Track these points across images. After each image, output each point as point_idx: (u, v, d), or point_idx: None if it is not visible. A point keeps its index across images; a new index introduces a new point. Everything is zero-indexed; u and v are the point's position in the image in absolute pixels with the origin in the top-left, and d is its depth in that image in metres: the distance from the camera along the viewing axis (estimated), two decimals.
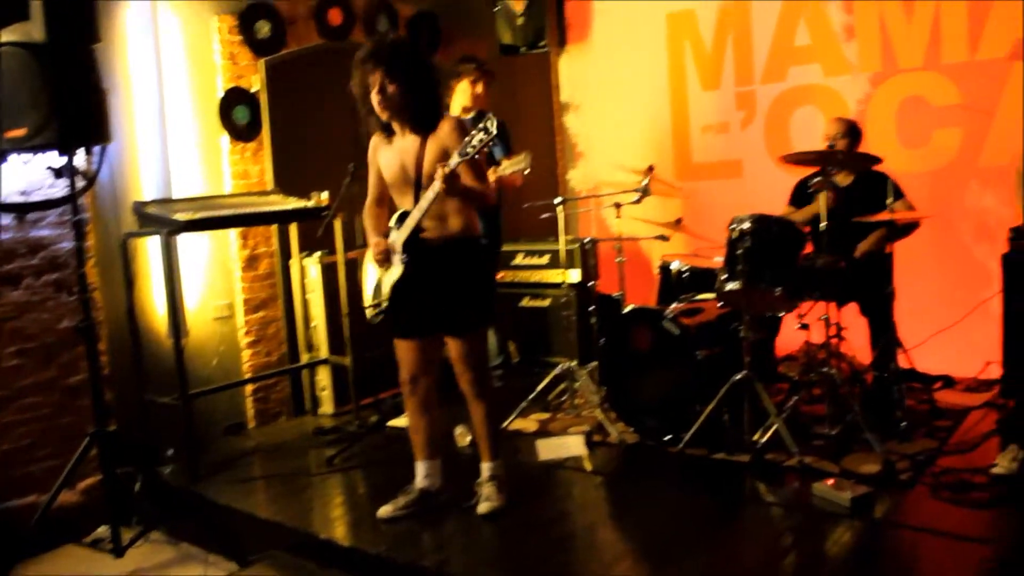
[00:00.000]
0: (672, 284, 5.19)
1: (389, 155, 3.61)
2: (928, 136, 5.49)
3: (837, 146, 4.72)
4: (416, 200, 3.50)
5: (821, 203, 4.22)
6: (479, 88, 5.14)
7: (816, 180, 4.20)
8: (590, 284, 5.09)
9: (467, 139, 3.26)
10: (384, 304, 3.67)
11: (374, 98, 3.48)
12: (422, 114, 3.51)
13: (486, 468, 3.77)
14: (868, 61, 5.67)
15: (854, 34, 5.71)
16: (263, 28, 5.36)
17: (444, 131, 3.49)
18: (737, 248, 4.25)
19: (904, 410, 4.45)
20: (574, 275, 5.98)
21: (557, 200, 5.01)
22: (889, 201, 4.50)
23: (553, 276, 6.17)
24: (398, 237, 3.57)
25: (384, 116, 3.52)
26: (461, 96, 5.17)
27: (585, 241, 5.22)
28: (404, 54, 3.49)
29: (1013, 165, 5.22)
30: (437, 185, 3.31)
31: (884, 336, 4.61)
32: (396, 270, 3.60)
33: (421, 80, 3.50)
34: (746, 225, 4.26)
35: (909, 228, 4.72)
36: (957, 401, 4.87)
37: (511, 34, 6.57)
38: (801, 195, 5.05)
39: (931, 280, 5.40)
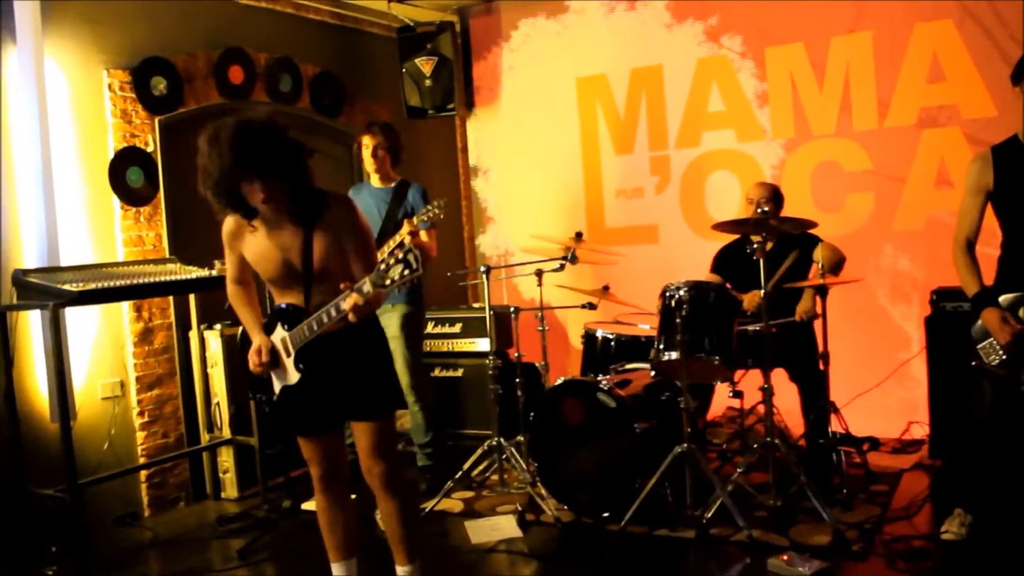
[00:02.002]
0: (597, 353, 5.02)
1: (261, 246, 3.09)
2: (842, 201, 5.56)
3: (764, 209, 4.68)
4: (306, 296, 3.10)
5: (761, 269, 4.13)
6: (372, 151, 4.96)
7: (756, 246, 4.11)
8: (517, 355, 4.87)
9: (385, 268, 2.80)
10: (275, 400, 3.26)
11: (251, 190, 2.97)
12: (305, 205, 3.06)
13: (403, 573, 3.33)
14: (781, 128, 5.74)
15: (767, 101, 5.78)
16: (159, 85, 5.01)
17: (337, 218, 3.06)
18: (674, 316, 4.12)
19: (842, 476, 4.38)
20: (483, 344, 5.76)
21: (483, 268, 4.78)
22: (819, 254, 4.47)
23: (466, 345, 5.93)
24: (290, 343, 3.13)
25: (262, 208, 3.03)
26: (366, 160, 5.00)
27: (511, 310, 5.02)
28: (274, 143, 2.96)
29: (925, 229, 5.32)
30: (346, 313, 2.91)
31: (818, 401, 4.54)
32: (291, 376, 3.18)
33: (297, 167, 3.02)
34: (683, 292, 4.15)
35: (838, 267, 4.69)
36: (887, 463, 4.85)
37: (418, 96, 6.38)
38: (724, 262, 4.97)
39: (849, 342, 5.37)
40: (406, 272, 2.77)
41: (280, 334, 3.16)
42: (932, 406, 4.72)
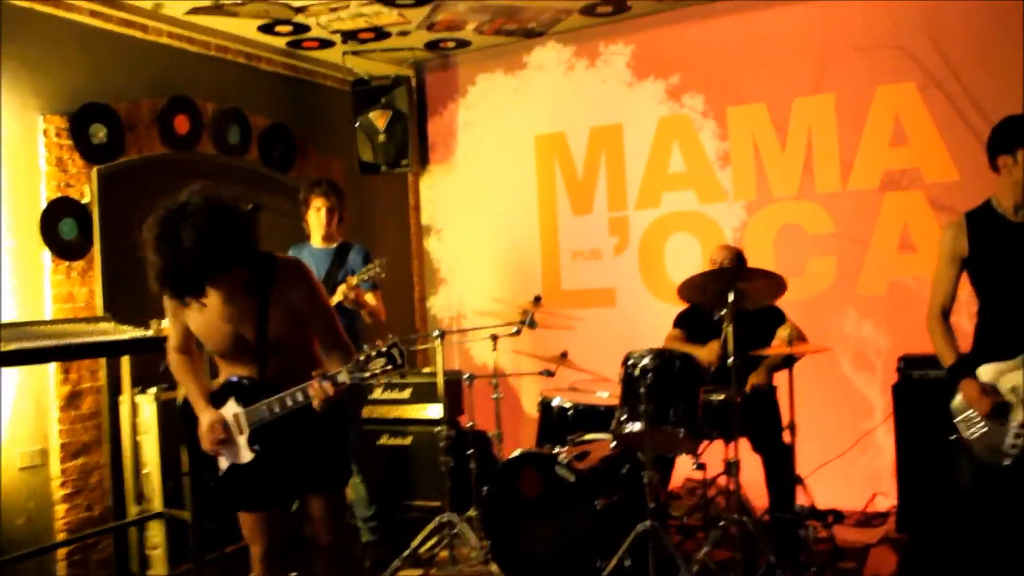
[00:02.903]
0: (553, 422, 4.78)
1: (209, 319, 2.92)
2: (804, 264, 5.45)
3: None
4: (259, 369, 2.91)
5: (728, 334, 3.96)
6: (324, 214, 4.79)
7: (725, 311, 3.95)
8: (470, 424, 4.63)
9: (365, 360, 2.67)
10: (220, 476, 3.02)
11: (217, 281, 2.79)
12: (257, 273, 2.87)
13: None
14: (743, 189, 5.64)
15: (729, 161, 5.69)
16: (98, 132, 4.75)
17: (291, 286, 2.89)
18: (638, 386, 3.93)
19: (808, 552, 4.18)
20: (433, 411, 5.49)
21: (435, 332, 4.56)
22: (784, 332, 4.32)
23: (416, 412, 5.65)
24: (244, 420, 2.92)
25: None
26: (313, 221, 4.83)
27: (464, 376, 4.79)
28: (242, 229, 2.78)
29: (889, 294, 5.22)
30: (315, 405, 2.76)
31: (782, 472, 4.36)
32: (243, 455, 2.96)
33: (243, 243, 2.81)
34: (647, 361, 3.96)
35: (792, 359, 4.55)
36: (854, 538, 4.70)
37: (372, 151, 6.19)
38: (688, 319, 4.80)
39: (811, 411, 5.20)
40: (388, 367, 2.64)
41: (232, 409, 2.94)
42: (900, 477, 4.56)
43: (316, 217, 4.81)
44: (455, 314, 6.62)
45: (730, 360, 3.94)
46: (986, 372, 3.29)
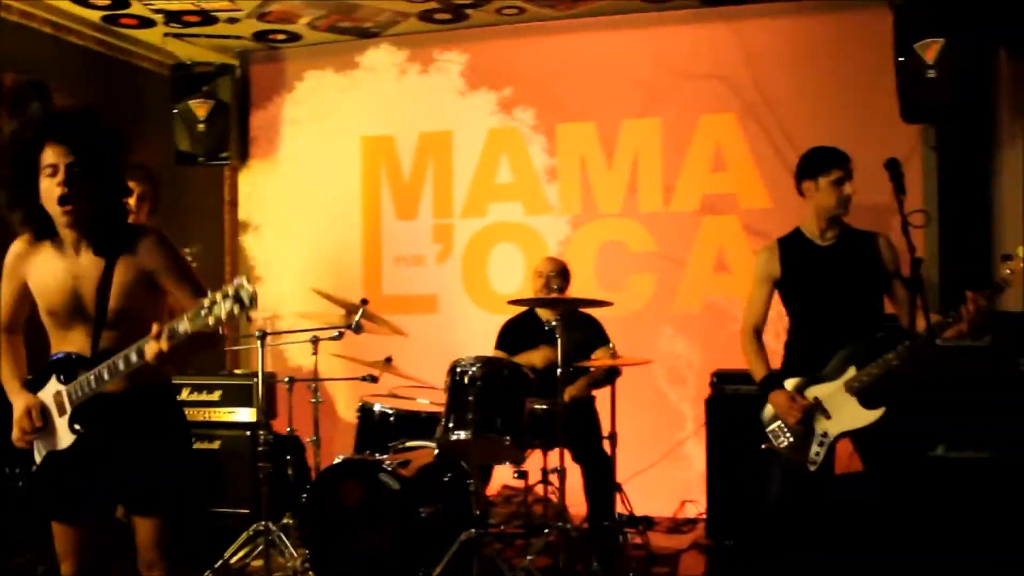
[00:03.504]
0: (373, 429, 4.67)
1: (50, 272, 2.65)
2: (625, 280, 5.62)
3: (553, 284, 4.64)
4: (92, 341, 2.62)
5: (559, 346, 4.02)
6: (135, 201, 4.39)
7: (556, 323, 4.00)
8: (289, 429, 4.45)
9: (210, 304, 2.35)
10: (34, 469, 2.72)
11: (50, 186, 2.53)
12: (112, 227, 2.64)
13: None
14: (569, 204, 5.77)
15: (556, 176, 5.80)
16: None
17: (144, 249, 2.64)
18: (466, 394, 3.91)
19: (626, 558, 4.32)
20: (244, 414, 5.23)
21: (257, 333, 4.35)
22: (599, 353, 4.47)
23: (225, 415, 5.38)
24: (66, 397, 2.64)
25: (59, 214, 2.57)
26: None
27: (285, 379, 4.60)
28: (102, 139, 2.61)
29: (703, 313, 5.48)
30: (147, 356, 2.46)
31: (602, 481, 4.47)
32: (62, 439, 2.66)
33: (116, 181, 2.65)
34: (475, 369, 3.95)
35: (614, 375, 4.69)
36: (665, 544, 4.87)
37: (190, 141, 5.87)
38: (509, 338, 4.85)
39: (626, 422, 5.35)
40: (236, 309, 2.33)
41: (54, 387, 2.65)
42: (710, 486, 4.74)
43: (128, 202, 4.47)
44: (269, 314, 6.36)
45: (559, 371, 4.01)
46: (793, 385, 3.50)
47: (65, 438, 2.65)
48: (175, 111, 5.86)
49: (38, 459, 2.71)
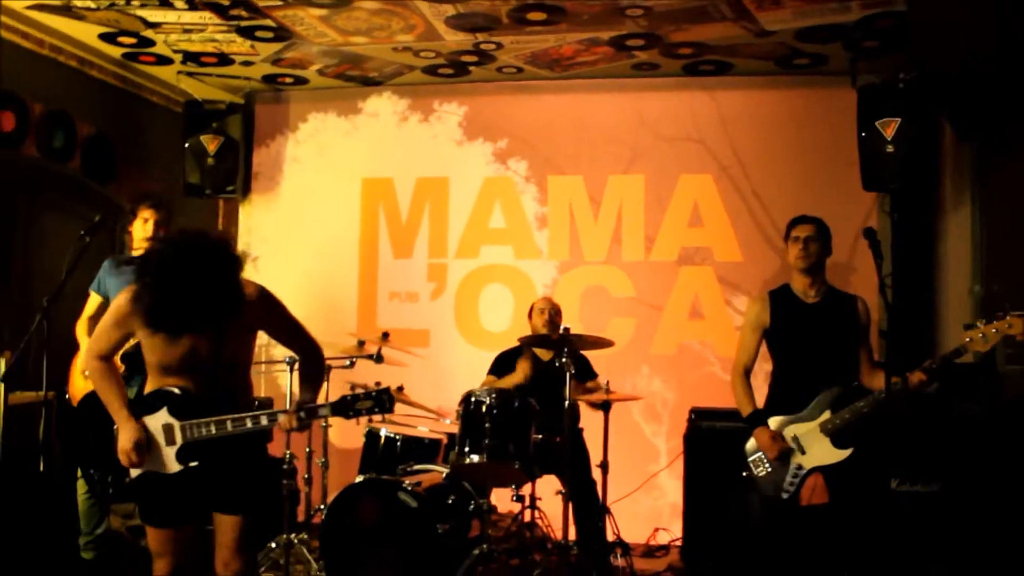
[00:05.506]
0: (379, 453, 4.99)
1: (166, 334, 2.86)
2: (607, 323, 6.05)
3: (556, 320, 5.06)
4: (204, 385, 2.90)
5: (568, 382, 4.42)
6: (152, 226, 4.69)
7: (565, 361, 4.40)
8: (308, 450, 4.74)
9: (352, 399, 2.73)
10: (129, 481, 2.97)
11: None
12: (229, 313, 2.86)
13: None
14: (557, 250, 6.21)
15: (546, 224, 6.24)
16: None
17: (256, 307, 2.98)
18: (482, 421, 4.28)
19: None
20: None
21: (287, 359, 4.67)
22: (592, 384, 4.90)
23: None
24: (178, 433, 2.90)
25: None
26: (138, 232, 4.73)
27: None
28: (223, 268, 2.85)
29: (677, 355, 5.95)
30: (283, 426, 2.87)
31: (591, 507, 4.84)
32: (168, 466, 2.92)
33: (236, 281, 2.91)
34: (490, 399, 4.33)
35: (608, 406, 5.08)
36: (643, 567, 5.22)
37: (199, 174, 6.15)
38: (501, 366, 5.20)
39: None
40: (376, 410, 2.71)
41: (164, 418, 2.92)
42: (686, 514, 5.12)
43: (142, 228, 4.70)
44: (264, 342, 6.61)
45: (566, 403, 4.40)
46: (775, 423, 3.95)
47: (171, 465, 2.90)
48: (187, 145, 6.13)
49: (134, 474, 2.95)
